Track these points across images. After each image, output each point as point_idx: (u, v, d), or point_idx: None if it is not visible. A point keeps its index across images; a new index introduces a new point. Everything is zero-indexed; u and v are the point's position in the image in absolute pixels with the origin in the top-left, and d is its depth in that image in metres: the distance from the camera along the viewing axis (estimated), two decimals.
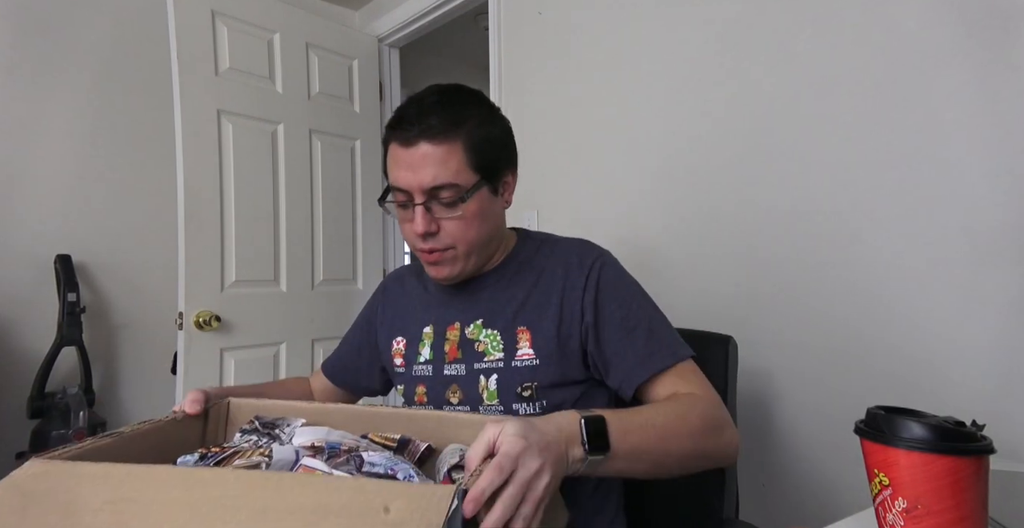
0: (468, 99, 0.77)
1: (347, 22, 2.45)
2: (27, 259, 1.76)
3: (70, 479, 0.42)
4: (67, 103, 1.84)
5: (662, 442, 0.61)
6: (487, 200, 0.77)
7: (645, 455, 0.60)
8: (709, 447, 0.65)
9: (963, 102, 0.94)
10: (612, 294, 0.77)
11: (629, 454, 0.58)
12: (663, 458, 0.61)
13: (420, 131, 0.72)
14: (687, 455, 0.63)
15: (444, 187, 0.72)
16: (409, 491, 0.40)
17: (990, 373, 0.90)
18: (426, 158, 0.72)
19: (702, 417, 0.66)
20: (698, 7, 1.31)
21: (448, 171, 0.72)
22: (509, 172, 0.81)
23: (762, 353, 1.18)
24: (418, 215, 0.74)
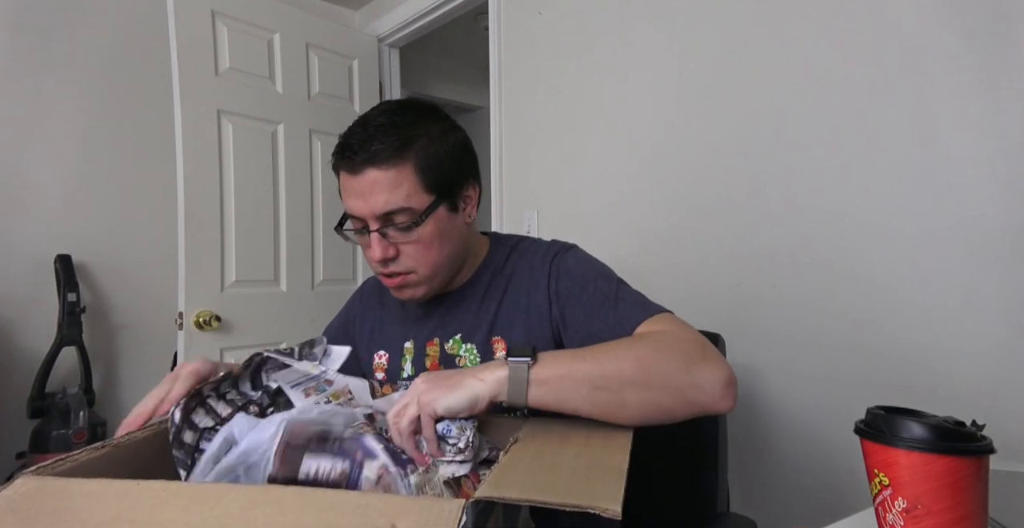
0: (416, 117, 0.73)
1: (347, 22, 2.45)
2: (27, 259, 1.76)
3: (64, 498, 0.41)
4: (67, 103, 1.84)
5: (598, 361, 0.58)
6: (445, 219, 0.74)
7: (582, 376, 0.57)
8: (670, 375, 0.58)
9: (963, 102, 0.94)
10: (572, 279, 0.75)
11: (560, 371, 0.57)
12: (609, 382, 0.57)
13: (366, 157, 0.69)
14: (639, 382, 0.57)
15: (397, 212, 0.70)
16: (417, 507, 0.39)
17: (990, 373, 0.90)
18: (375, 184, 0.70)
19: (657, 344, 0.61)
20: (698, 7, 1.31)
21: (399, 195, 0.70)
22: (469, 186, 0.78)
23: (761, 353, 1.18)
24: (374, 242, 0.72)
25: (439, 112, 0.77)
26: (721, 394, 0.59)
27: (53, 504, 0.40)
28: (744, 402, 1.20)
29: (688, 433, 0.92)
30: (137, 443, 0.57)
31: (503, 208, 1.84)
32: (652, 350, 0.61)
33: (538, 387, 0.56)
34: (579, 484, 0.46)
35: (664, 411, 0.59)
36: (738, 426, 1.18)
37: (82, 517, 0.39)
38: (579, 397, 0.57)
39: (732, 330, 1.04)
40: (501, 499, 0.43)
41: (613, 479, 0.47)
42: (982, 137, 0.92)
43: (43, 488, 0.42)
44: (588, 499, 0.43)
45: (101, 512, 0.40)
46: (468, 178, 0.78)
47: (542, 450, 0.53)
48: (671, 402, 0.58)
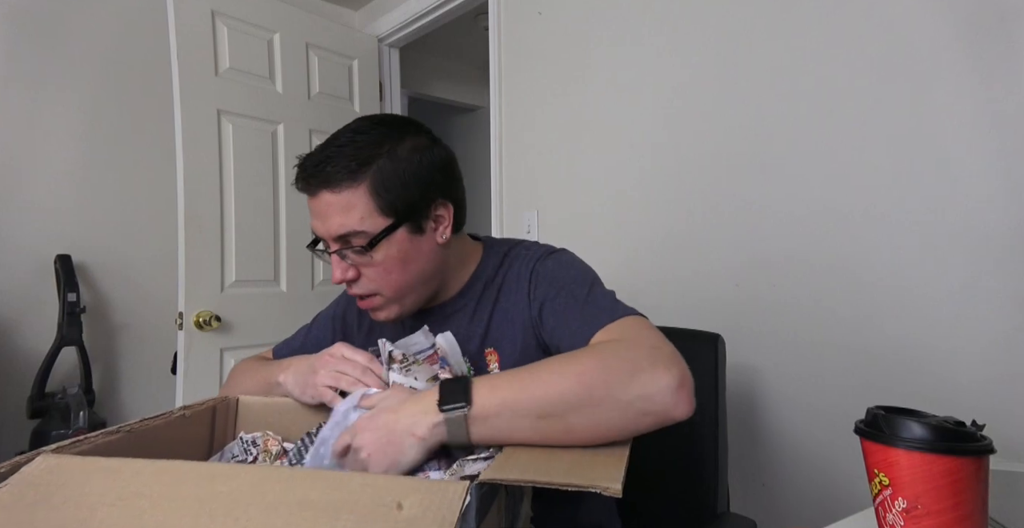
0: (382, 137, 0.71)
1: (347, 22, 2.45)
2: (27, 259, 1.76)
3: (82, 474, 0.43)
4: (67, 103, 1.84)
5: (538, 387, 0.54)
6: (407, 242, 0.72)
7: (522, 408, 0.53)
8: (615, 391, 0.54)
9: (963, 102, 0.94)
10: (548, 283, 0.74)
11: (500, 407, 0.53)
12: (552, 408, 0.53)
13: (320, 181, 0.69)
14: (584, 403, 0.53)
15: (351, 235, 0.70)
16: (422, 487, 0.40)
17: (990, 373, 0.90)
18: (329, 207, 0.69)
19: (603, 356, 0.57)
20: (698, 8, 1.31)
21: (352, 218, 0.69)
22: (439, 206, 0.74)
23: (761, 353, 1.18)
24: (333, 263, 0.72)
25: (413, 127, 0.75)
26: (673, 401, 0.54)
27: (70, 479, 0.42)
28: (744, 402, 1.20)
29: (688, 433, 0.92)
30: (152, 430, 0.59)
31: (503, 208, 1.84)
32: (597, 363, 0.56)
33: (479, 426, 0.53)
34: (580, 467, 0.48)
35: (617, 429, 0.54)
36: (738, 426, 1.18)
37: (99, 492, 0.41)
38: (523, 429, 0.54)
39: (732, 330, 1.04)
40: (504, 480, 0.44)
41: (614, 462, 0.48)
42: (982, 137, 0.92)
43: (61, 465, 0.44)
44: (589, 479, 0.44)
45: (117, 487, 0.41)
46: (435, 197, 0.74)
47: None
48: (621, 419, 0.54)
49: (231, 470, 0.43)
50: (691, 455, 0.91)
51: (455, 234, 0.78)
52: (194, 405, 0.66)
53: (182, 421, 0.63)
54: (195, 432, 0.66)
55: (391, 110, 2.44)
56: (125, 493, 0.41)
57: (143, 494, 0.40)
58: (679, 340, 1.00)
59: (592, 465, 0.48)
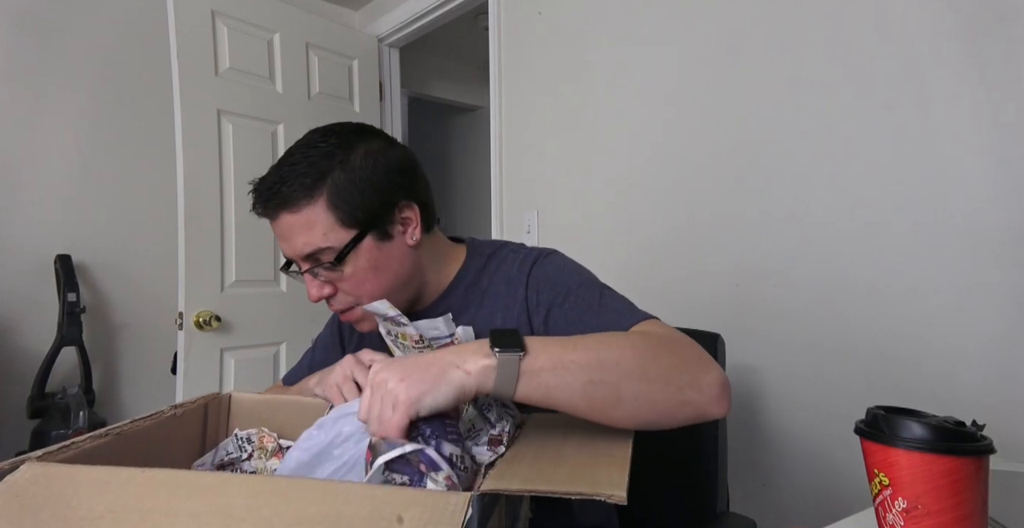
0: (333, 148, 0.70)
1: (347, 22, 2.45)
2: (27, 259, 1.76)
3: (69, 485, 0.41)
4: (67, 103, 1.84)
5: (591, 350, 0.53)
6: (375, 250, 0.71)
7: (576, 366, 0.51)
8: (668, 371, 0.54)
9: (963, 102, 0.94)
10: (553, 289, 0.72)
11: (553, 362, 0.51)
12: (606, 374, 0.52)
13: (276, 203, 0.69)
14: (637, 374, 0.53)
15: (318, 252, 0.69)
16: (423, 499, 0.39)
17: (990, 373, 0.90)
18: (291, 227, 0.69)
19: (652, 339, 0.57)
20: (697, 8, 1.31)
21: (316, 235, 0.68)
22: (404, 208, 0.73)
23: (761, 353, 1.18)
24: (308, 283, 0.72)
25: (366, 133, 0.74)
26: (717, 396, 0.55)
27: (57, 491, 0.40)
28: (744, 402, 1.20)
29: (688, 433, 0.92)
30: (143, 431, 0.57)
31: (503, 208, 1.84)
32: (648, 344, 0.57)
33: (529, 379, 0.50)
34: (583, 473, 0.46)
35: (658, 412, 0.54)
36: (738, 426, 1.18)
37: (86, 504, 0.39)
38: (572, 391, 0.51)
39: (732, 330, 1.04)
40: (506, 491, 0.43)
41: (617, 467, 0.47)
42: (982, 137, 0.92)
43: (47, 474, 0.42)
44: (592, 487, 0.42)
45: (106, 500, 0.40)
46: (398, 201, 0.72)
47: (545, 443, 0.54)
48: (668, 401, 0.54)
49: (224, 481, 0.42)
50: (691, 455, 0.91)
51: (427, 234, 0.76)
52: (185, 403, 0.64)
53: (173, 420, 0.61)
54: (187, 431, 0.65)
55: (391, 110, 2.45)
56: (114, 506, 0.39)
57: (132, 507, 0.39)
58: None
59: (594, 471, 0.46)
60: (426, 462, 0.46)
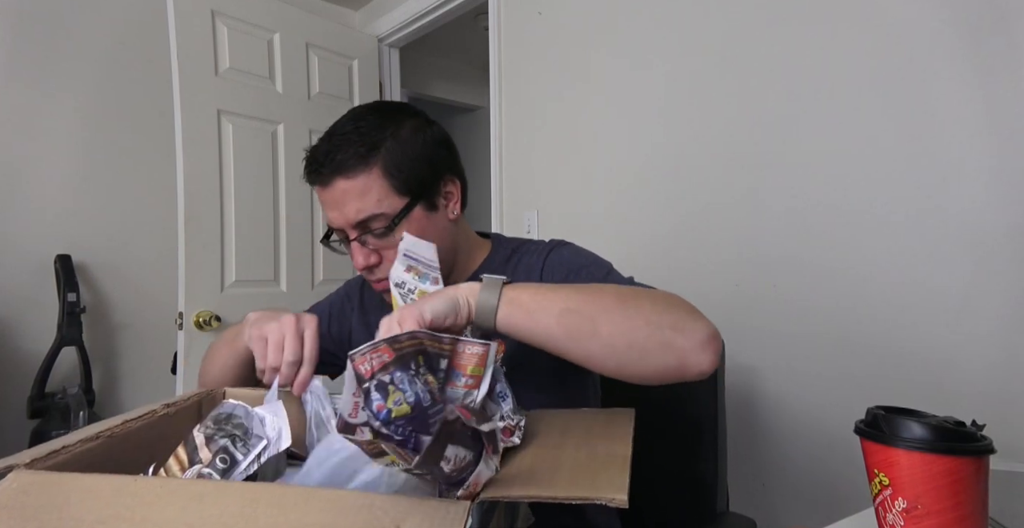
0: (383, 120, 0.73)
1: (347, 22, 2.45)
2: (27, 259, 1.76)
3: (58, 494, 0.40)
4: (67, 103, 1.84)
5: (571, 288, 0.56)
6: (424, 219, 0.73)
7: (557, 299, 0.53)
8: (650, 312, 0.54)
9: (963, 102, 0.94)
10: (565, 268, 0.75)
11: (533, 289, 0.54)
12: (584, 305, 0.53)
13: (332, 169, 0.70)
14: (616, 311, 0.53)
15: (371, 219, 0.70)
16: (422, 508, 0.38)
17: (990, 373, 0.90)
18: (345, 194, 0.70)
19: (642, 289, 0.58)
20: (697, 7, 1.31)
21: (370, 202, 0.70)
22: (448, 182, 0.76)
23: (761, 353, 1.18)
24: (355, 251, 0.73)
25: (408, 110, 0.76)
26: (701, 346, 0.53)
27: (48, 500, 0.39)
28: (744, 402, 1.20)
29: (688, 433, 0.92)
30: (135, 432, 0.55)
31: (503, 208, 1.84)
32: (634, 290, 0.58)
33: (509, 301, 0.53)
34: (583, 476, 0.45)
35: (640, 348, 0.53)
36: (738, 426, 1.18)
37: (77, 515, 0.38)
38: (550, 316, 0.53)
39: (732, 330, 1.04)
40: (506, 498, 0.43)
41: (617, 469, 0.46)
42: (982, 137, 0.92)
43: (37, 483, 0.41)
44: (593, 491, 0.42)
45: (97, 509, 0.39)
46: (444, 174, 0.76)
47: (543, 445, 0.53)
48: (647, 339, 0.53)
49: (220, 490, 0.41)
50: (691, 455, 0.91)
51: (462, 214, 0.80)
52: (177, 401, 0.62)
53: (165, 419, 0.59)
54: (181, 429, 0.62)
55: None
56: (104, 515, 0.38)
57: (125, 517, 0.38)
58: None
59: (594, 474, 0.46)
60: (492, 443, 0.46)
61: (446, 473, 0.41)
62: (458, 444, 0.42)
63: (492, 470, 0.45)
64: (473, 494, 0.43)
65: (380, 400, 0.41)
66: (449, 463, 0.41)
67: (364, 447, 0.38)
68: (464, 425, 0.42)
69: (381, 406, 0.41)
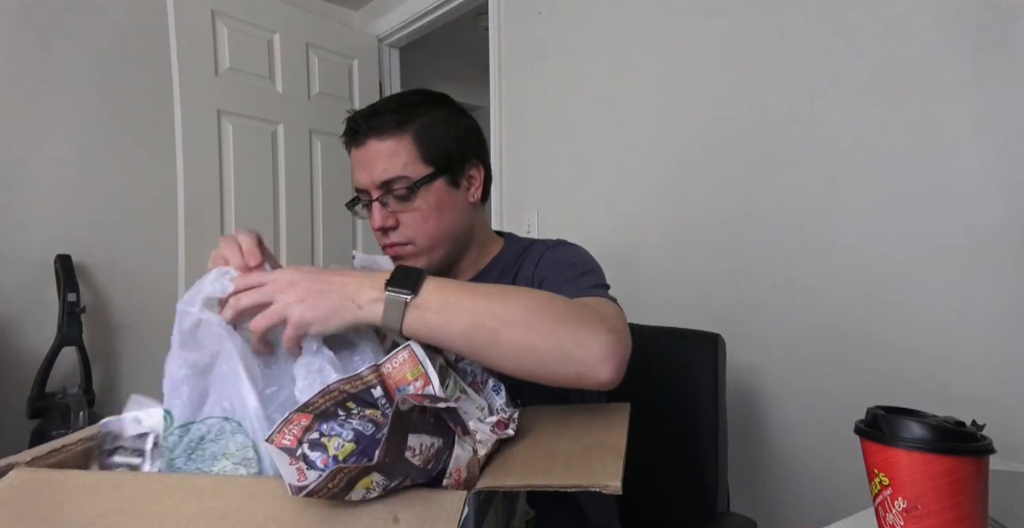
0: (423, 100, 0.78)
1: (347, 22, 2.45)
2: (27, 259, 1.76)
3: (58, 491, 0.40)
4: (67, 103, 1.84)
5: (484, 299, 0.55)
6: (445, 192, 0.77)
7: (463, 311, 0.53)
8: (554, 324, 0.55)
9: (963, 102, 0.94)
10: (551, 265, 0.77)
11: (441, 304, 0.53)
12: (489, 319, 0.53)
13: (367, 129, 0.75)
14: (520, 324, 0.54)
15: (395, 180, 0.74)
16: (418, 500, 0.39)
17: (990, 373, 0.90)
18: (376, 154, 0.74)
19: (557, 298, 0.58)
20: (698, 9, 1.31)
21: (397, 164, 0.74)
22: (472, 167, 0.81)
23: (761, 353, 1.18)
24: (374, 210, 0.76)
25: (448, 99, 0.81)
26: (600, 358, 0.54)
27: (48, 497, 0.40)
28: (744, 402, 1.20)
29: (688, 433, 0.92)
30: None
31: (503, 208, 1.84)
32: (549, 300, 0.57)
33: (414, 315, 0.53)
34: (578, 465, 0.46)
35: (537, 361, 0.54)
36: (738, 426, 1.18)
37: (77, 509, 0.38)
38: (454, 331, 0.53)
39: (732, 330, 1.04)
40: (503, 487, 0.43)
41: (611, 457, 0.47)
42: (982, 137, 0.92)
43: (37, 480, 0.41)
44: (588, 478, 0.42)
45: (97, 505, 0.39)
46: (470, 158, 0.80)
47: (539, 437, 0.54)
48: (545, 354, 0.54)
49: (219, 483, 0.41)
50: (691, 455, 0.91)
51: (482, 204, 0.84)
52: None
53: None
54: None
55: None
56: (104, 510, 0.38)
57: (125, 511, 0.38)
58: (679, 340, 1.00)
59: (589, 463, 0.47)
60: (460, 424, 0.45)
61: (418, 467, 0.41)
62: (421, 432, 0.42)
63: (469, 453, 0.45)
64: (459, 481, 0.43)
65: (321, 455, 0.40)
66: (416, 454, 0.40)
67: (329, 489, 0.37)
68: (422, 411, 0.42)
69: (325, 459, 0.39)
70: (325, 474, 0.36)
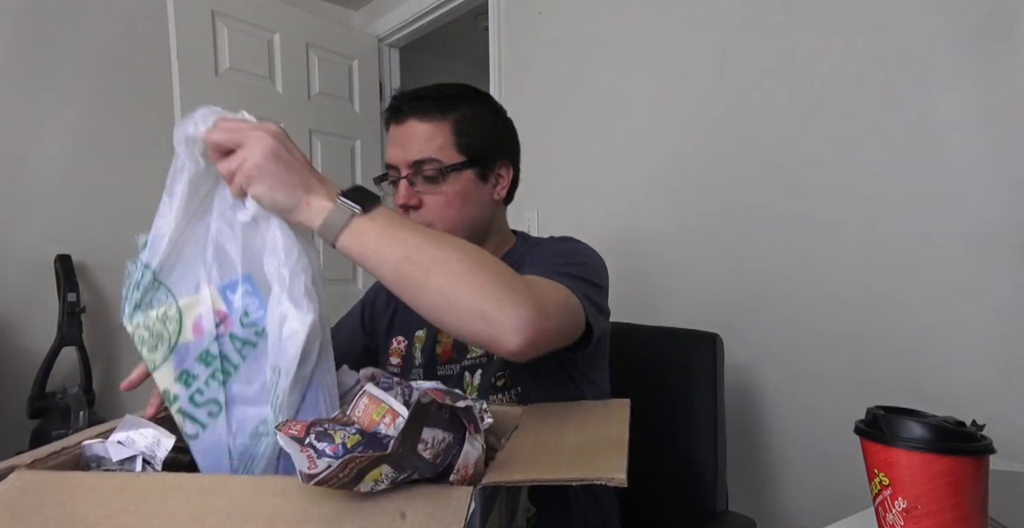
0: (469, 94, 0.81)
1: (347, 22, 2.45)
2: (27, 259, 1.76)
3: (61, 492, 0.40)
4: (67, 103, 1.84)
5: (429, 240, 0.54)
6: (472, 184, 0.79)
7: (402, 243, 0.52)
8: (483, 285, 0.54)
9: (963, 102, 0.94)
10: (544, 257, 0.77)
11: (382, 231, 0.52)
12: (424, 258, 0.53)
13: (411, 108, 0.77)
14: (450, 269, 0.53)
15: (427, 161, 0.76)
16: (425, 495, 0.39)
17: (990, 373, 0.90)
18: (414, 134, 0.77)
19: (495, 262, 0.57)
20: (698, 9, 1.31)
21: (432, 147, 0.76)
22: (502, 165, 0.84)
23: (760, 352, 1.18)
24: (401, 187, 0.78)
25: (493, 99, 0.85)
26: (514, 326, 0.53)
27: (51, 498, 0.39)
28: (743, 402, 1.20)
29: (688, 432, 0.92)
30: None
31: None
32: (490, 261, 0.56)
33: (352, 234, 0.52)
34: (582, 459, 0.46)
35: (454, 309, 0.53)
36: (737, 426, 1.18)
37: (81, 511, 0.38)
38: (387, 260, 0.53)
39: (732, 330, 1.04)
40: (508, 483, 0.43)
41: (615, 450, 0.47)
42: (982, 137, 0.92)
43: (39, 482, 0.41)
44: (592, 472, 0.42)
45: (101, 506, 0.39)
46: (502, 155, 0.83)
47: (542, 433, 0.54)
48: (464, 304, 0.53)
49: (225, 482, 0.41)
50: (690, 454, 0.91)
51: (504, 204, 0.87)
52: None
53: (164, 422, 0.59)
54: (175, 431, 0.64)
55: None
56: (109, 511, 0.38)
57: (130, 511, 0.38)
58: (677, 340, 1.00)
59: (593, 457, 0.47)
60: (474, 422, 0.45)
61: (428, 460, 0.41)
62: (435, 426, 0.42)
63: (479, 450, 0.45)
64: (466, 477, 0.43)
65: (329, 444, 0.40)
66: (428, 447, 0.41)
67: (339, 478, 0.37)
68: (439, 406, 0.42)
69: (334, 448, 0.40)
70: (337, 463, 0.36)
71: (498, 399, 0.77)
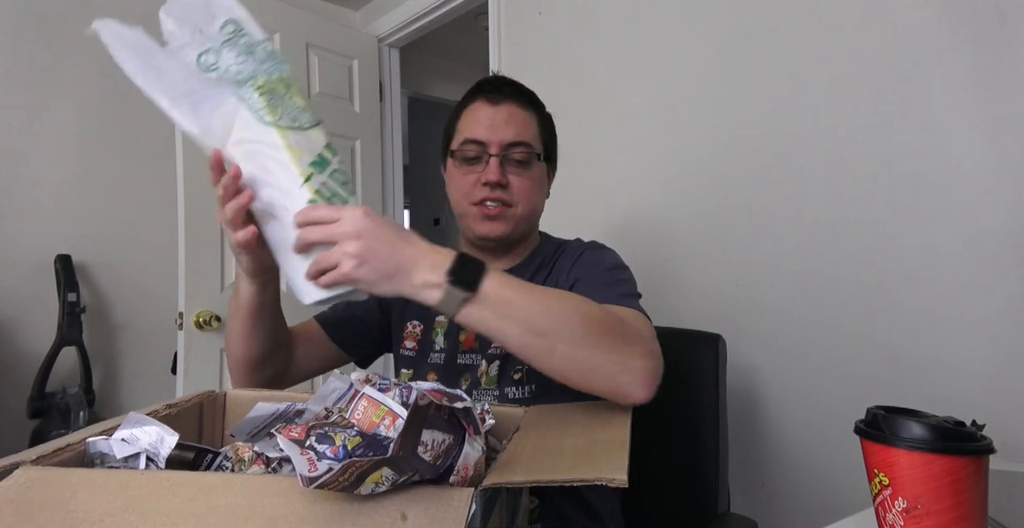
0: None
1: (347, 22, 2.45)
2: (27, 259, 1.76)
3: (66, 489, 0.40)
4: (67, 103, 1.84)
5: (544, 306, 0.56)
6: (544, 176, 0.88)
7: (519, 312, 0.55)
8: (604, 341, 0.58)
9: (963, 102, 0.94)
10: (586, 266, 0.81)
11: (499, 303, 0.54)
12: (542, 324, 0.55)
13: (511, 93, 0.83)
14: (573, 336, 0.56)
15: (522, 145, 0.81)
16: (425, 497, 0.39)
17: (990, 373, 0.90)
18: (513, 116, 0.82)
19: (607, 311, 0.61)
20: (698, 8, 1.31)
21: (528, 132, 0.83)
22: (554, 170, 0.93)
23: (761, 353, 1.18)
24: (493, 165, 0.80)
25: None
26: (643, 381, 0.59)
27: (54, 495, 0.39)
28: (744, 402, 1.20)
29: (689, 433, 0.92)
30: None
31: None
32: (602, 315, 0.60)
33: (470, 310, 0.54)
34: (583, 460, 0.46)
35: (583, 375, 0.58)
36: (738, 426, 1.18)
37: (85, 508, 0.38)
38: (510, 335, 0.56)
39: (732, 330, 1.04)
40: (509, 484, 0.43)
41: (616, 451, 0.47)
42: (982, 137, 0.92)
43: (43, 479, 0.41)
44: (594, 473, 0.42)
45: (105, 502, 0.39)
46: (556, 161, 0.93)
47: (544, 435, 0.54)
48: (595, 370, 0.57)
49: (227, 481, 0.41)
50: (692, 455, 0.92)
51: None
52: (179, 402, 0.62)
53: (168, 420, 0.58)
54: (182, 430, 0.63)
55: (391, 110, 2.45)
56: (112, 508, 0.38)
57: (133, 509, 0.38)
58: (680, 340, 1.00)
59: (595, 455, 0.47)
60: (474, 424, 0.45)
61: (428, 462, 0.41)
62: (434, 428, 0.42)
63: (479, 451, 0.45)
64: (466, 479, 0.43)
65: (329, 446, 0.41)
66: (428, 449, 0.41)
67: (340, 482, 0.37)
68: (437, 408, 0.42)
69: (334, 450, 0.41)
70: (337, 467, 0.36)
71: (511, 392, 0.77)
